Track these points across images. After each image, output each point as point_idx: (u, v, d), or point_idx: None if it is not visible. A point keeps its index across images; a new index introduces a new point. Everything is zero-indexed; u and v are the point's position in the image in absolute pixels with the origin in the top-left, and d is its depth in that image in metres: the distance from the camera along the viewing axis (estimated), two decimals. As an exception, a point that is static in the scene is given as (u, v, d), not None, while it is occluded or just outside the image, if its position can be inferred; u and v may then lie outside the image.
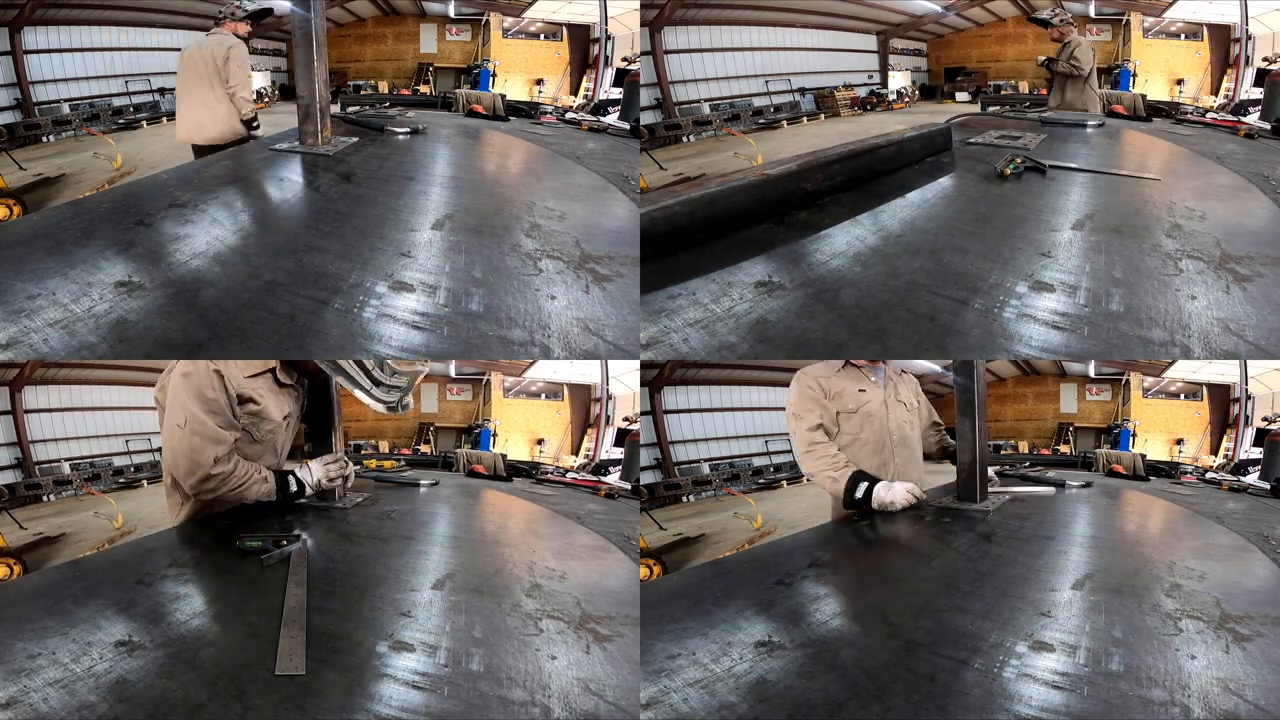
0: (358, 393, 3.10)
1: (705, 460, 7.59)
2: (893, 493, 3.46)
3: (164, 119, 6.85)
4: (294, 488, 3.38)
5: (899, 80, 9.24)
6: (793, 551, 3.16)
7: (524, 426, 7.72)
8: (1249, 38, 7.16)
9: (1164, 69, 7.63)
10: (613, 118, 6.83)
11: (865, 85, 8.87)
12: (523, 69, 7.63)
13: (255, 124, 5.23)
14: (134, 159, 5.95)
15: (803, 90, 8.05)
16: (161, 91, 6.91)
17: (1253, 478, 6.52)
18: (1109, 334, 2.35)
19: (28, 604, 2.43)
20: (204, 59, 5.14)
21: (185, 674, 2.06)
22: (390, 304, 2.49)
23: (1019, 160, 3.44)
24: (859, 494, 3.49)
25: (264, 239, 2.86)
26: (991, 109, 7.37)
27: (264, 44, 7.77)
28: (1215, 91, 7.36)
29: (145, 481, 7.17)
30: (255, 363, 3.30)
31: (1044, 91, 8.09)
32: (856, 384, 3.68)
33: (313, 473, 3.42)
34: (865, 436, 3.67)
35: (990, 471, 3.76)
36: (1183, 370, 7.46)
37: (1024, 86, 8.60)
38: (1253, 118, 6.40)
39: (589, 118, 6.58)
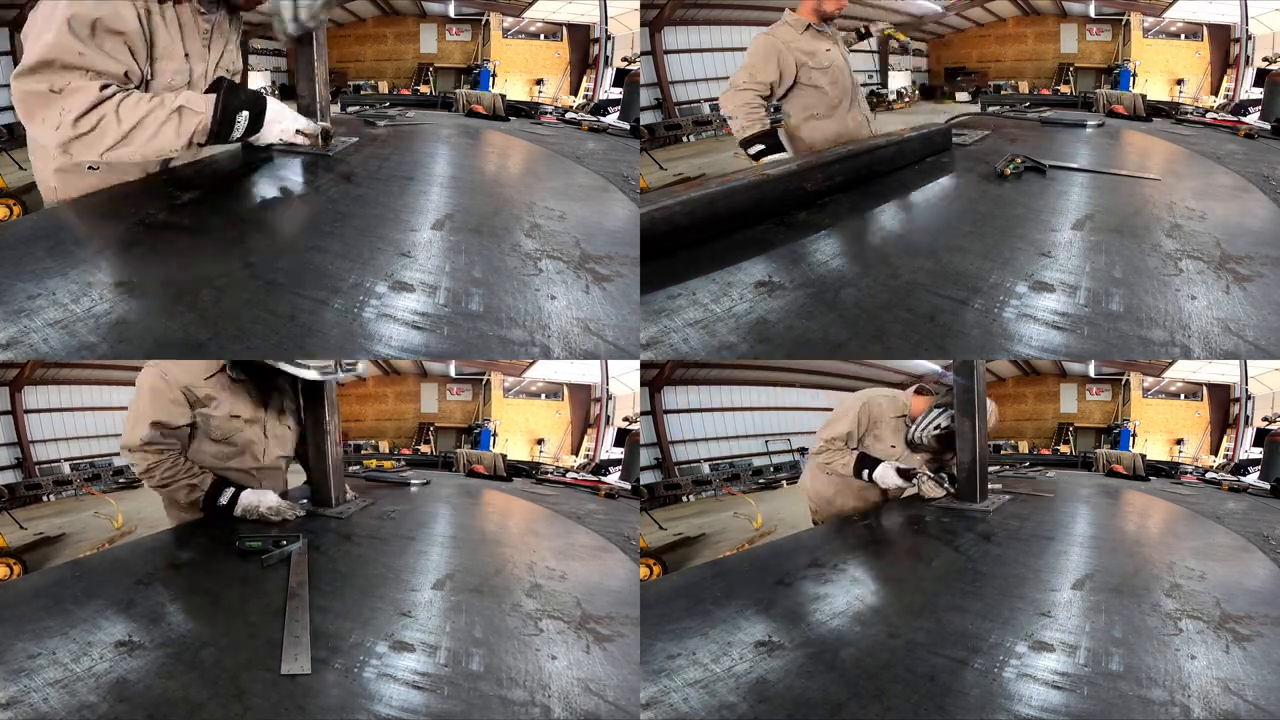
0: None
1: (705, 460, 7.59)
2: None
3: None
4: (223, 501, 3.31)
5: (899, 80, 9.24)
6: (793, 551, 3.17)
7: (524, 426, 7.71)
8: (1249, 38, 7.15)
9: (1164, 69, 7.62)
10: (613, 118, 6.83)
11: (866, 85, 8.86)
12: (523, 69, 7.62)
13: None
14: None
15: (803, 90, 8.07)
16: (161, 91, 6.91)
17: (1253, 478, 6.52)
18: (1109, 334, 2.35)
19: (28, 604, 2.43)
20: None
21: (185, 674, 2.06)
22: (390, 304, 2.49)
23: (1019, 160, 3.44)
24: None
25: (263, 238, 2.85)
26: (991, 109, 7.37)
27: (264, 44, 7.76)
28: (1215, 91, 7.36)
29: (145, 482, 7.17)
30: (208, 363, 3.33)
31: (1045, 91, 8.10)
32: (823, 44, 4.15)
33: (261, 501, 3.32)
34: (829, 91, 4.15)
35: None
36: (1183, 370, 7.45)
37: (1024, 86, 8.60)
38: (1253, 118, 6.39)
39: (589, 118, 6.58)
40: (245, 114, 2.93)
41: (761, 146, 4.02)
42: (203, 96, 2.82)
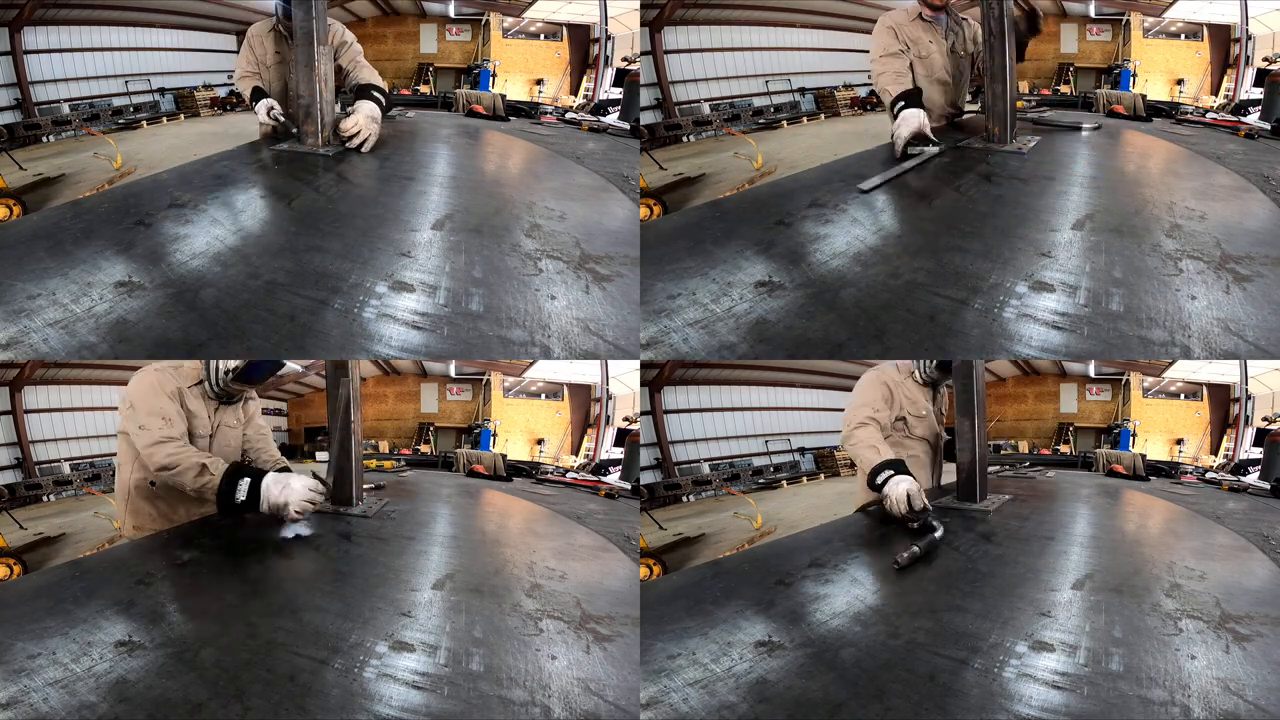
0: None
1: (705, 460, 7.58)
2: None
3: (164, 119, 6.84)
4: (242, 497, 2.96)
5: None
6: (793, 551, 3.16)
7: (524, 426, 7.71)
8: (1249, 38, 7.15)
9: (1164, 69, 7.62)
10: (613, 118, 6.82)
11: (866, 85, 8.86)
12: (523, 69, 7.62)
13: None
14: (134, 159, 5.94)
15: (803, 90, 8.05)
16: (161, 91, 6.91)
17: (1253, 478, 6.51)
18: (1109, 334, 2.35)
19: (28, 604, 2.43)
20: None
21: (185, 674, 2.06)
22: (390, 304, 2.49)
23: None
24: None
25: (264, 239, 2.86)
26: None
27: (264, 44, 7.76)
28: (1215, 91, 7.36)
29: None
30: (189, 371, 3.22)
31: (1045, 92, 8.10)
32: (927, 34, 4.07)
33: (289, 490, 2.98)
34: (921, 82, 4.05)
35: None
36: (1183, 370, 7.45)
37: (1024, 86, 8.60)
38: (1253, 118, 6.39)
39: (589, 118, 6.58)
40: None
41: (903, 103, 3.93)
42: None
